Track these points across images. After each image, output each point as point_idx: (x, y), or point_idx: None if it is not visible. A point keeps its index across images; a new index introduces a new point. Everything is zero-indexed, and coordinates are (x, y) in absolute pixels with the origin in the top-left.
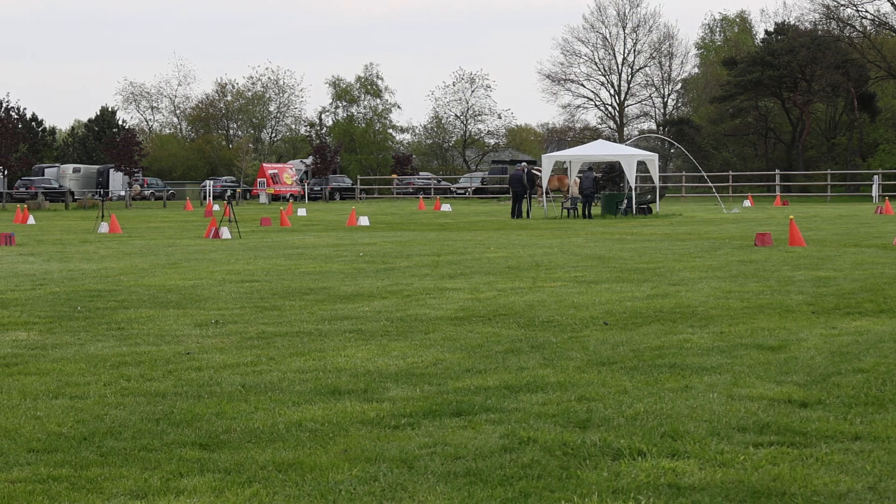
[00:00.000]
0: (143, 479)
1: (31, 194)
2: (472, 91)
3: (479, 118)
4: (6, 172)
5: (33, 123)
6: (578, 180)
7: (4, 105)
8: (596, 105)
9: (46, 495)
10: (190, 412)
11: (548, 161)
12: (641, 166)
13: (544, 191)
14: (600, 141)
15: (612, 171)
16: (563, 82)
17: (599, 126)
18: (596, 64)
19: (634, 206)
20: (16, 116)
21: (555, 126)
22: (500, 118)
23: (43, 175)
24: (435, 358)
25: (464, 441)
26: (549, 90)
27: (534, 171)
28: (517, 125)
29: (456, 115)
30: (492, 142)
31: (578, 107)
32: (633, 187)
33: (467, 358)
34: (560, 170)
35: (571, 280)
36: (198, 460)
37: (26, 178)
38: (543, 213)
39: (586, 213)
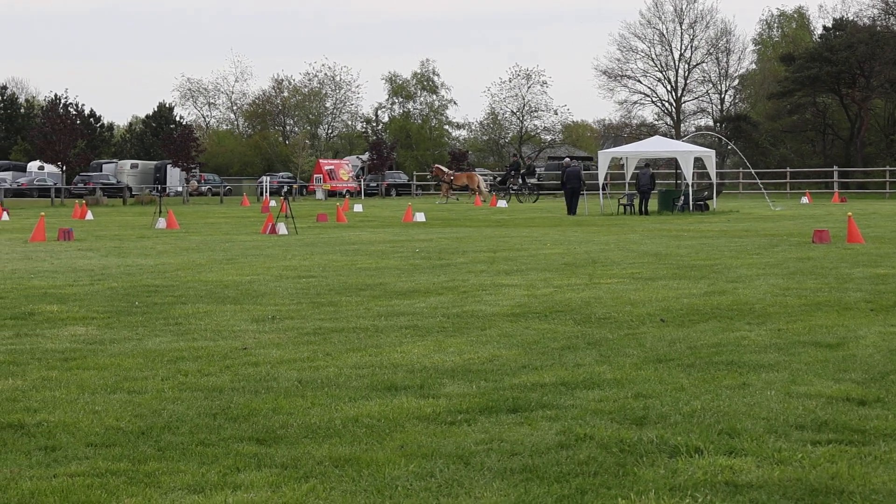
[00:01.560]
0: (201, 473)
1: (89, 190)
2: (529, 87)
3: (536, 114)
4: (65, 168)
5: (91, 119)
6: (637, 176)
7: (63, 101)
8: (652, 101)
9: (104, 489)
10: (247, 407)
11: (604, 157)
12: (698, 163)
13: (526, 185)
14: (657, 137)
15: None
16: (619, 78)
17: (656, 122)
18: (653, 60)
19: (691, 203)
20: (74, 113)
21: (611, 122)
22: (556, 114)
23: (101, 171)
24: (491, 354)
25: (520, 437)
26: (605, 86)
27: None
28: (573, 121)
29: (512, 112)
30: (548, 138)
31: (635, 103)
32: (690, 184)
33: (523, 354)
34: (458, 167)
35: (628, 277)
36: (255, 455)
37: (85, 173)
38: (600, 209)
39: (643, 209)
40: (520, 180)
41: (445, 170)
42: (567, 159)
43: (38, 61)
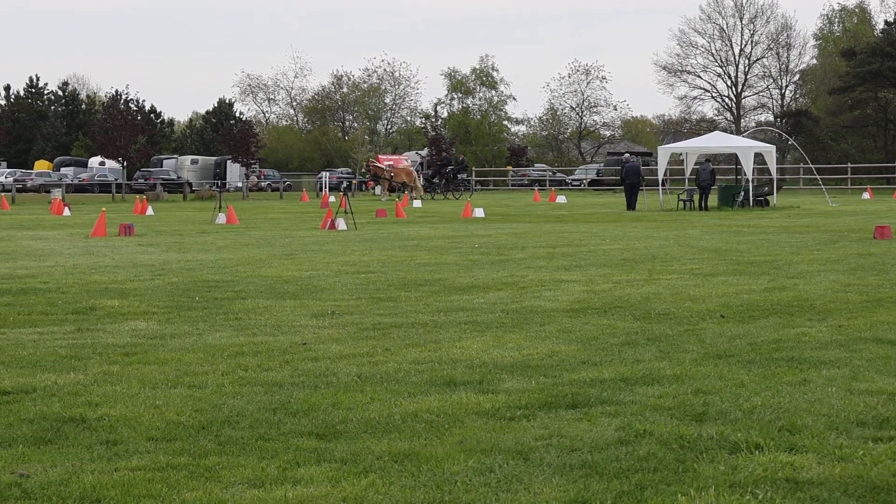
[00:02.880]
0: (261, 468)
1: (149, 185)
2: (588, 82)
3: (595, 110)
4: (125, 164)
5: (152, 115)
6: (697, 172)
7: (124, 97)
8: (712, 96)
9: (165, 483)
10: (306, 402)
11: (664, 153)
12: (759, 158)
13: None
14: (717, 133)
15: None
16: (679, 73)
17: (716, 118)
18: (713, 55)
19: (751, 199)
20: (135, 108)
21: (671, 118)
22: (615, 110)
23: (161, 166)
24: (550, 350)
25: (579, 433)
26: (665, 81)
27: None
28: (633, 117)
29: (571, 107)
30: (607, 133)
31: (695, 98)
32: (750, 179)
33: (583, 350)
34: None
35: (687, 272)
36: (314, 450)
37: (145, 169)
38: (659, 204)
39: (703, 205)
40: (447, 177)
41: (383, 166)
42: (627, 154)
43: (100, 57)
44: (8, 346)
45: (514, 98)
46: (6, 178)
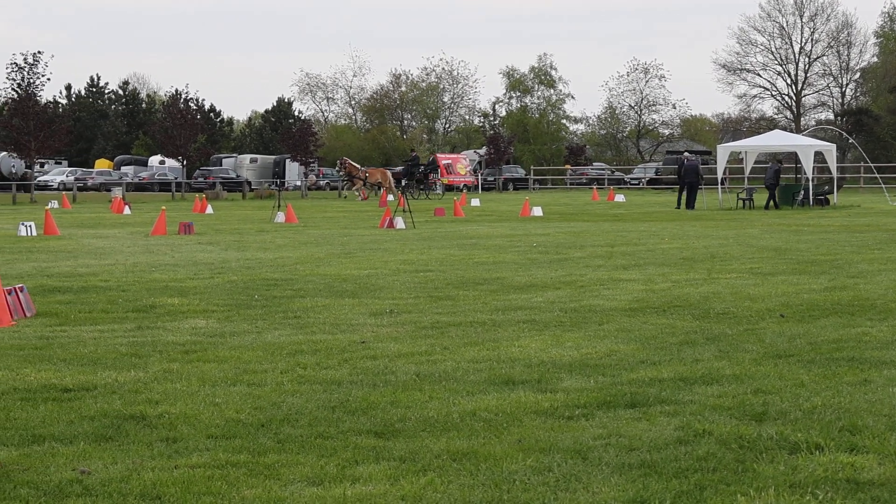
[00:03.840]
0: (320, 466)
1: (209, 184)
2: (647, 81)
3: (654, 108)
4: (185, 163)
5: (212, 114)
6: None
7: (184, 96)
8: (772, 95)
9: (225, 481)
10: (365, 400)
11: (723, 151)
12: (819, 157)
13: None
14: (776, 131)
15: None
16: (738, 72)
17: (775, 116)
18: (772, 53)
19: (811, 198)
20: (195, 107)
21: (730, 116)
22: (674, 108)
23: (221, 165)
24: (609, 349)
25: (638, 433)
26: (724, 80)
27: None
28: (692, 115)
29: (630, 106)
30: (666, 132)
31: (754, 97)
32: (810, 178)
33: (641, 349)
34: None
35: (747, 271)
36: (373, 448)
37: (205, 168)
38: (718, 203)
39: (771, 203)
40: (418, 177)
41: (358, 165)
42: (686, 153)
43: (160, 57)
44: (69, 343)
45: (572, 97)
46: (67, 176)
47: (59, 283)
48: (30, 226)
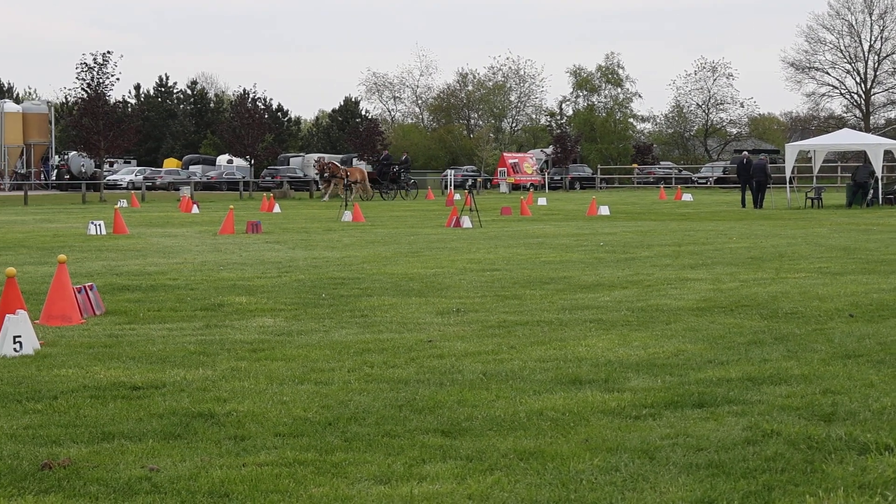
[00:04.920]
0: (387, 464)
1: (276, 183)
2: (714, 80)
3: (721, 107)
4: (253, 162)
5: (279, 114)
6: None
7: (251, 96)
8: (841, 93)
9: (292, 479)
10: (432, 399)
11: (791, 150)
12: (888, 156)
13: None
14: (846, 130)
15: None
16: (807, 70)
17: (844, 115)
18: (841, 51)
19: (881, 197)
20: (262, 107)
21: (798, 115)
22: (742, 107)
23: (288, 164)
24: (676, 349)
25: (706, 433)
26: (792, 78)
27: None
28: (759, 114)
29: (697, 104)
30: (734, 131)
31: (823, 95)
32: (880, 177)
33: (709, 349)
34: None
35: (815, 271)
36: (440, 447)
37: (272, 167)
38: (787, 202)
39: (870, 201)
40: (393, 176)
41: (340, 165)
42: (746, 152)
43: (228, 56)
44: (138, 341)
45: (639, 95)
46: (136, 176)
47: (128, 281)
48: (99, 225)
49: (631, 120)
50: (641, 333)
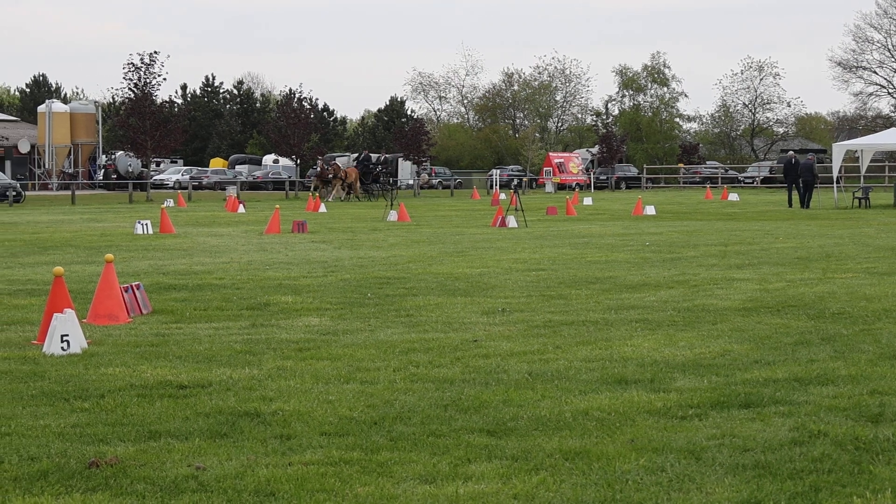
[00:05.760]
0: (432, 464)
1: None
2: (761, 79)
3: (768, 106)
4: (299, 161)
5: (325, 113)
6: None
7: (297, 96)
8: (889, 93)
9: (338, 478)
10: (477, 399)
11: (838, 150)
12: None
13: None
14: (894, 129)
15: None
16: (854, 69)
17: (892, 114)
18: (889, 51)
19: None
20: (308, 107)
21: (845, 114)
22: (789, 106)
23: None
24: (722, 349)
25: (752, 433)
26: (839, 78)
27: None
28: (806, 113)
29: (744, 104)
30: (780, 130)
31: (871, 94)
32: None
33: (756, 349)
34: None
35: (863, 271)
36: (485, 447)
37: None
38: (834, 202)
39: None
40: (374, 176)
41: (339, 165)
42: (792, 152)
43: (274, 56)
44: (184, 340)
45: (685, 95)
46: (183, 175)
47: (174, 280)
48: (146, 224)
49: (677, 119)
50: (687, 333)
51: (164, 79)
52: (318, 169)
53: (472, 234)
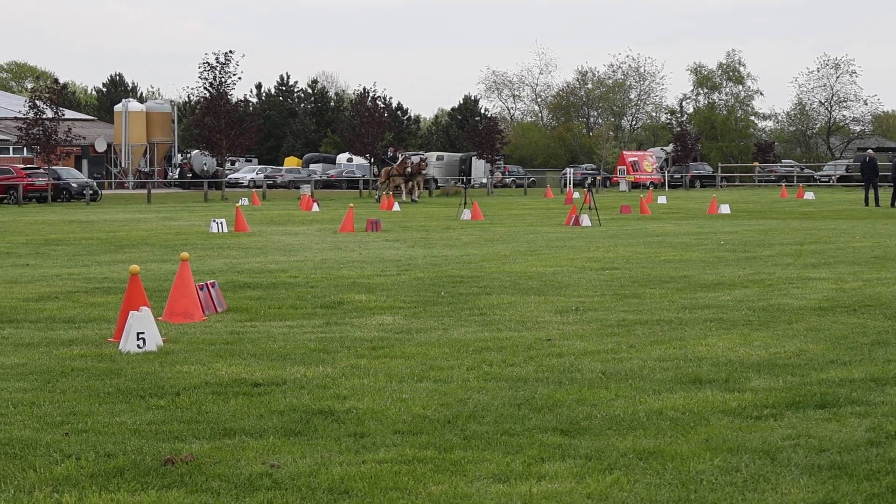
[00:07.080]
0: (506, 463)
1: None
2: (837, 77)
3: (844, 104)
4: (373, 160)
5: (398, 112)
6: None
7: (371, 94)
8: None
9: (411, 476)
10: (551, 398)
11: None
12: None
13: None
14: None
15: None
16: None
17: None
18: None
19: None
20: (382, 105)
21: None
22: (865, 104)
23: None
24: (798, 349)
25: (828, 434)
26: None
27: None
28: (884, 111)
29: (820, 102)
30: (857, 129)
31: None
32: None
33: (831, 349)
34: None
35: None
36: (559, 446)
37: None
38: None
39: None
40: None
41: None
42: (869, 151)
43: (348, 55)
44: (259, 338)
45: (761, 93)
46: (257, 174)
47: (249, 279)
48: (221, 222)
49: (752, 118)
50: (762, 333)
51: (240, 78)
52: (399, 160)
53: (545, 232)
